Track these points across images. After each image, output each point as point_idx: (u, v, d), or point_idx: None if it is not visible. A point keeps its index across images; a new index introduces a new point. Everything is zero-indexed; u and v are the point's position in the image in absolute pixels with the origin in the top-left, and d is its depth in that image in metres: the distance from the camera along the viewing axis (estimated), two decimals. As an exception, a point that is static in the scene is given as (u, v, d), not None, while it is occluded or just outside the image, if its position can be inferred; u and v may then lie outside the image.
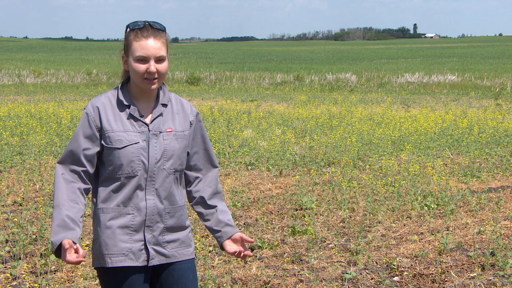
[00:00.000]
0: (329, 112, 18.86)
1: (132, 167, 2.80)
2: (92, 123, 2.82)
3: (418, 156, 11.13)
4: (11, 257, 5.88)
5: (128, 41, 2.84)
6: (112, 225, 2.81)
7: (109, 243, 2.81)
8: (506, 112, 19.33)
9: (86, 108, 2.86)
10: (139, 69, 2.80)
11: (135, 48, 2.81)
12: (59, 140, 12.57)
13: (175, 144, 2.89)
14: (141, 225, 2.84)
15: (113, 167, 2.81)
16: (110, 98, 2.87)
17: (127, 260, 2.82)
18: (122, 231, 2.82)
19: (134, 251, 2.83)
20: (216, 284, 5.24)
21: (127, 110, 2.85)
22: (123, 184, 2.81)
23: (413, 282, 5.38)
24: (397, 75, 41.25)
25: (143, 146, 2.82)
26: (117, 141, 2.80)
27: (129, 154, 2.80)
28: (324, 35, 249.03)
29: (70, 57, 71.86)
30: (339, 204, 7.81)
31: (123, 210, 2.82)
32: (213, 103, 22.75)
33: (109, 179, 2.83)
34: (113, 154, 2.80)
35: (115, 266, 2.81)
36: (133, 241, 2.83)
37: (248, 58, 73.48)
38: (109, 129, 2.81)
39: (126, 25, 2.87)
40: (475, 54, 75.57)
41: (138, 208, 2.82)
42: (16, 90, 31.76)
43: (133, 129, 2.83)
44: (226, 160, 10.84)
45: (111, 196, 2.82)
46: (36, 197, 8.18)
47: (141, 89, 2.85)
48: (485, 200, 7.99)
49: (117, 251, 2.81)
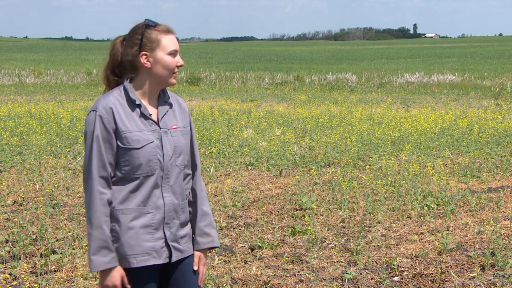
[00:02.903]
0: (329, 112, 18.86)
1: (150, 166, 2.83)
2: (107, 125, 2.79)
3: (418, 156, 11.13)
4: (11, 257, 5.88)
5: (152, 37, 2.84)
6: (135, 225, 2.83)
7: (133, 244, 2.82)
8: (506, 112, 19.33)
9: (97, 111, 2.80)
10: (172, 64, 2.85)
11: (167, 43, 2.85)
12: (59, 140, 12.57)
13: (182, 140, 2.95)
14: (160, 223, 2.88)
15: (130, 167, 2.81)
16: (118, 98, 2.84)
17: (151, 259, 2.86)
18: (144, 231, 2.84)
19: (156, 250, 2.87)
20: (216, 284, 5.24)
21: (138, 109, 2.85)
22: (141, 184, 2.83)
23: (413, 282, 5.38)
24: (397, 75, 41.25)
25: (158, 145, 2.85)
26: (134, 141, 2.81)
27: (147, 153, 2.82)
28: (324, 35, 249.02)
29: (70, 57, 71.84)
30: (339, 204, 7.81)
31: (143, 210, 2.84)
32: (213, 103, 22.75)
33: (125, 179, 2.83)
34: (131, 155, 2.80)
35: (140, 266, 2.84)
36: (154, 239, 2.86)
37: (248, 58, 73.47)
38: (125, 129, 2.80)
39: (143, 24, 2.86)
40: (475, 54, 75.57)
41: (157, 206, 2.86)
42: (16, 90, 31.75)
43: (146, 128, 2.85)
44: (226, 160, 10.84)
45: (130, 196, 2.83)
46: (36, 197, 8.18)
47: (164, 83, 2.88)
48: (485, 200, 7.99)
49: (141, 251, 2.84)
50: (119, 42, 2.91)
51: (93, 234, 2.75)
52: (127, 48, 2.87)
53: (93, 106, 2.84)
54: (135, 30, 2.89)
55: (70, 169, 9.99)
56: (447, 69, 45.63)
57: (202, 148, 12.04)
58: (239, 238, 6.60)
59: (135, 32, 2.87)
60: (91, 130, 2.79)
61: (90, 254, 2.76)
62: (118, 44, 2.90)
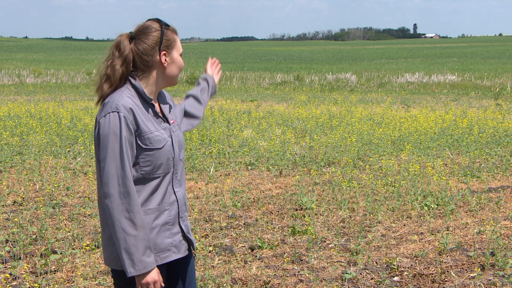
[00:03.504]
0: (329, 112, 18.85)
1: (168, 164, 2.85)
2: (130, 126, 2.74)
3: (418, 156, 11.13)
4: (11, 257, 5.88)
5: (169, 37, 2.86)
6: (157, 224, 2.85)
7: (158, 242, 2.85)
8: (506, 112, 19.32)
9: (120, 111, 2.72)
10: (182, 63, 2.93)
11: (179, 44, 2.92)
12: (59, 140, 12.57)
13: (180, 133, 3.00)
14: (175, 218, 2.91)
15: (151, 167, 2.80)
16: (132, 98, 2.80)
17: (172, 254, 2.89)
18: (164, 228, 2.87)
19: (175, 244, 2.91)
20: (216, 284, 5.24)
21: (150, 109, 2.85)
22: (160, 182, 2.85)
23: (413, 282, 5.38)
24: (397, 75, 41.23)
25: (171, 142, 2.88)
26: (157, 142, 2.81)
27: (166, 152, 2.84)
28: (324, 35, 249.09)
29: (70, 57, 71.81)
30: (339, 204, 7.81)
31: (161, 208, 2.86)
32: (213, 103, 22.75)
33: (144, 179, 2.81)
34: (153, 155, 2.80)
35: (163, 263, 2.87)
36: (173, 235, 2.90)
37: (248, 58, 73.47)
38: (147, 130, 2.78)
39: (160, 23, 2.85)
40: (475, 54, 75.55)
41: (171, 202, 2.89)
42: (16, 90, 31.74)
43: (160, 127, 2.86)
44: (226, 160, 10.84)
45: (150, 196, 2.83)
46: (36, 197, 8.18)
47: (172, 83, 2.92)
48: (485, 200, 7.99)
49: (163, 248, 2.86)
50: (126, 40, 2.83)
51: (139, 235, 2.70)
52: (142, 45, 2.81)
53: (109, 107, 2.74)
54: (149, 28, 2.83)
55: (70, 169, 9.99)
56: (447, 69, 45.61)
57: (202, 148, 12.04)
58: (239, 238, 6.60)
59: (151, 31, 2.83)
60: (116, 132, 2.70)
61: (139, 255, 2.69)
62: (127, 42, 2.82)
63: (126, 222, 2.68)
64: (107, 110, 2.73)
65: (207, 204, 7.95)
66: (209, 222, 7.15)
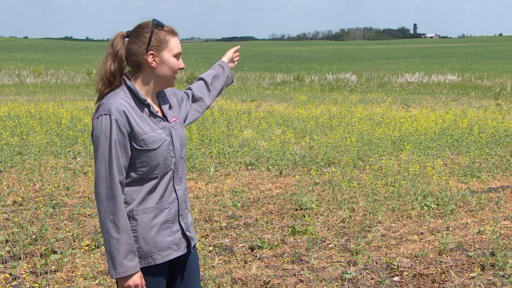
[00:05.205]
0: (329, 112, 18.85)
1: (166, 164, 2.85)
2: (123, 128, 2.73)
3: (418, 156, 11.13)
4: (11, 257, 5.88)
5: (161, 37, 2.82)
6: (156, 223, 2.85)
7: (158, 241, 2.85)
8: (506, 112, 19.32)
9: (112, 114, 2.71)
10: (175, 65, 2.87)
11: (174, 45, 2.86)
12: (59, 140, 12.57)
13: (183, 131, 2.99)
14: (175, 216, 2.92)
15: (148, 167, 2.81)
16: (126, 99, 2.79)
17: (172, 252, 2.91)
18: (164, 226, 2.87)
19: (176, 242, 2.91)
20: (216, 284, 5.24)
21: (146, 109, 2.85)
22: (159, 182, 2.85)
23: (413, 282, 5.38)
24: (397, 75, 41.24)
25: (169, 141, 2.88)
26: (152, 142, 2.80)
27: (163, 152, 2.83)
28: (324, 35, 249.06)
29: (70, 57, 71.82)
30: (339, 204, 7.81)
31: (161, 206, 2.87)
32: (213, 103, 22.74)
33: (142, 179, 2.82)
34: (148, 156, 2.80)
35: (164, 261, 2.88)
36: (173, 232, 2.91)
37: (248, 58, 73.45)
38: (141, 131, 2.78)
39: (152, 23, 2.83)
40: (475, 54, 75.55)
41: (171, 200, 2.90)
42: (16, 90, 31.75)
43: (157, 127, 2.85)
44: (226, 160, 10.84)
45: (148, 195, 2.83)
46: (36, 197, 8.18)
47: (166, 84, 2.90)
48: (485, 200, 7.99)
49: (164, 246, 2.87)
50: (120, 38, 2.84)
51: (121, 238, 2.72)
52: (133, 45, 2.83)
53: (102, 109, 2.75)
54: (142, 28, 2.84)
55: (70, 169, 9.99)
56: (447, 69, 45.62)
57: (202, 148, 12.04)
58: (239, 238, 6.60)
59: (143, 30, 2.83)
60: (107, 134, 2.71)
61: (119, 259, 2.71)
62: (120, 40, 2.84)
63: (110, 224, 2.72)
64: (100, 112, 2.75)
65: (207, 204, 7.95)
66: (209, 222, 7.15)
